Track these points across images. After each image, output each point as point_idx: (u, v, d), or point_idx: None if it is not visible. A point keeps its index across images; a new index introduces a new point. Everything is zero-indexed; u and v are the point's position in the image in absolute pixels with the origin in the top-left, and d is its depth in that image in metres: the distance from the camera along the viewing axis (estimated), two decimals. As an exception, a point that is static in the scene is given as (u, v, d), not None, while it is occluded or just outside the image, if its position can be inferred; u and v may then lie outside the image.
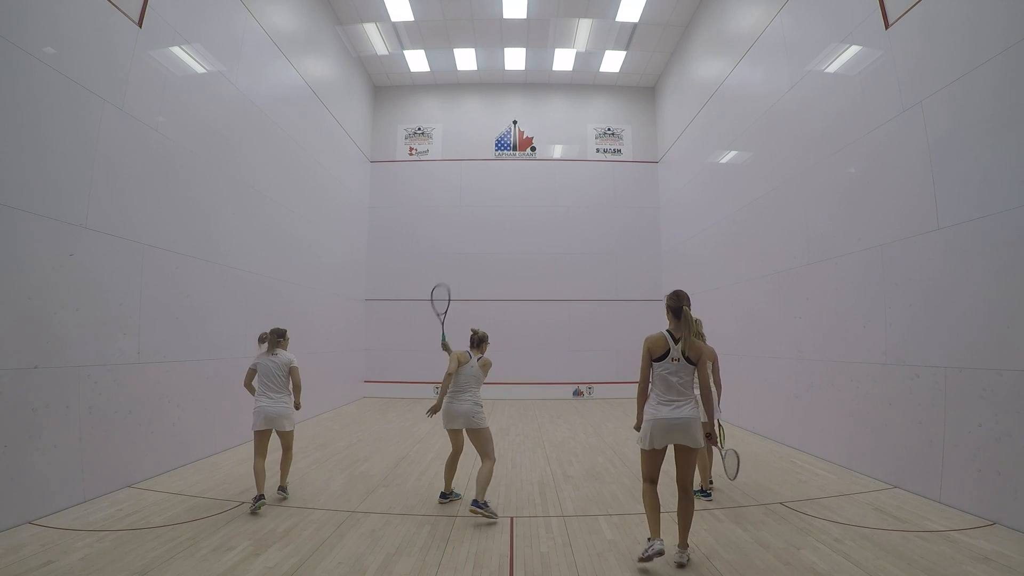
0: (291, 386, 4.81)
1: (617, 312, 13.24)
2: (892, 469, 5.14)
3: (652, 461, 3.47)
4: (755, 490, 5.06)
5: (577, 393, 12.92)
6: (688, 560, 3.37)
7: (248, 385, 4.84)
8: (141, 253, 5.41)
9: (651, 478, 3.49)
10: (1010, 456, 3.94)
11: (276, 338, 4.87)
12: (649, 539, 3.34)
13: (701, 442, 3.41)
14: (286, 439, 4.83)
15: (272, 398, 4.68)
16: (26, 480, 4.02)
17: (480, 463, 4.53)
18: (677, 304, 3.49)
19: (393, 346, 13.12)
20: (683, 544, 3.40)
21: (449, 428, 4.64)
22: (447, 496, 4.75)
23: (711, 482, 4.91)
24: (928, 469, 4.68)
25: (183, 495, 4.79)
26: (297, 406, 4.83)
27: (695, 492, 4.62)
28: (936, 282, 4.74)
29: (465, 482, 5.29)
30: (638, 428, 3.53)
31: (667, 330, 3.52)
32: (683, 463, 3.46)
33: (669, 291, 3.67)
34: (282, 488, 4.77)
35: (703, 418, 3.76)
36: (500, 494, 5.03)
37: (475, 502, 4.17)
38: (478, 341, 4.94)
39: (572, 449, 7.09)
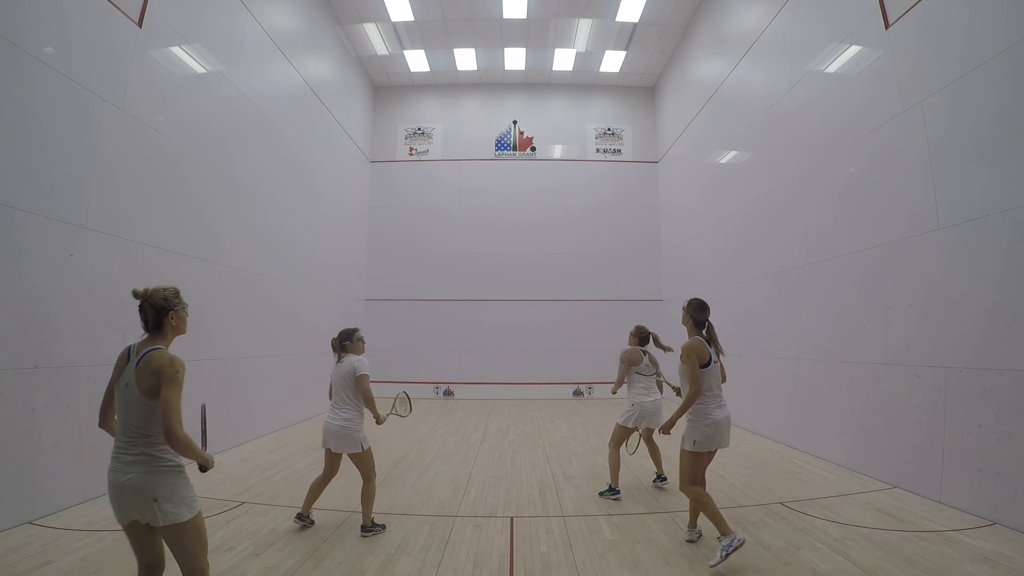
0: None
1: (617, 312, 13.21)
2: (892, 469, 5.14)
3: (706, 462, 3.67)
4: (755, 490, 5.06)
5: (577, 393, 12.92)
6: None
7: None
8: (141, 253, 5.41)
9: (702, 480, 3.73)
10: (1010, 456, 3.94)
11: (341, 342, 4.17)
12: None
13: None
14: (356, 464, 3.99)
15: (334, 413, 4.00)
16: (26, 480, 4.02)
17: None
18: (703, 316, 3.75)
19: (393, 346, 13.11)
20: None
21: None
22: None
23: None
24: (928, 469, 4.68)
25: (183, 495, 4.78)
26: (379, 419, 4.00)
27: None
28: (936, 282, 4.74)
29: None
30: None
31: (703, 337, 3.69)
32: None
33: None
34: (364, 528, 3.93)
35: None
36: (500, 494, 5.03)
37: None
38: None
39: (572, 449, 7.09)
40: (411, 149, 13.99)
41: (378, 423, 4.00)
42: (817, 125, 6.64)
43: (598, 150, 14.02)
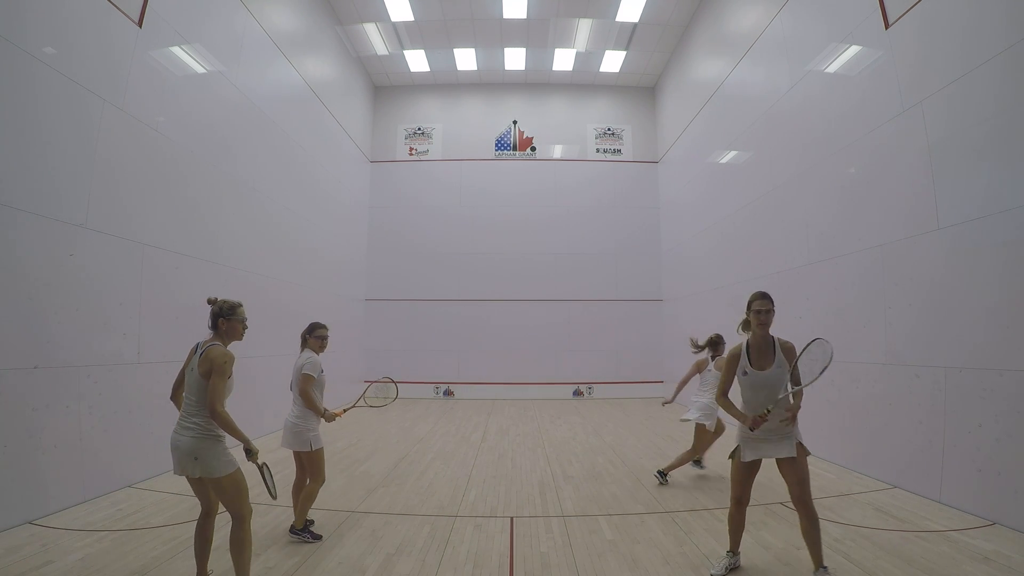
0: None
1: (617, 312, 13.24)
2: (892, 469, 5.14)
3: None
4: (755, 490, 5.03)
5: (577, 393, 12.92)
6: None
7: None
8: (141, 253, 5.41)
9: None
10: (1010, 456, 3.93)
11: (304, 335, 4.12)
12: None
13: None
14: (305, 463, 3.94)
15: (290, 410, 3.95)
16: (26, 480, 4.02)
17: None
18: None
19: (393, 346, 13.11)
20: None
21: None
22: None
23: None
24: (928, 469, 4.68)
25: (183, 495, 4.77)
26: (325, 416, 3.90)
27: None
28: (936, 282, 4.74)
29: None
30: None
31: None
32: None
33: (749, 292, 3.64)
34: (293, 529, 3.83)
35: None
36: (500, 494, 5.03)
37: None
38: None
39: (572, 449, 7.09)
40: (411, 149, 13.99)
41: (327, 420, 3.90)
42: (817, 125, 6.64)
43: (598, 150, 14.02)
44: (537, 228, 13.56)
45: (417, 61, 13.00)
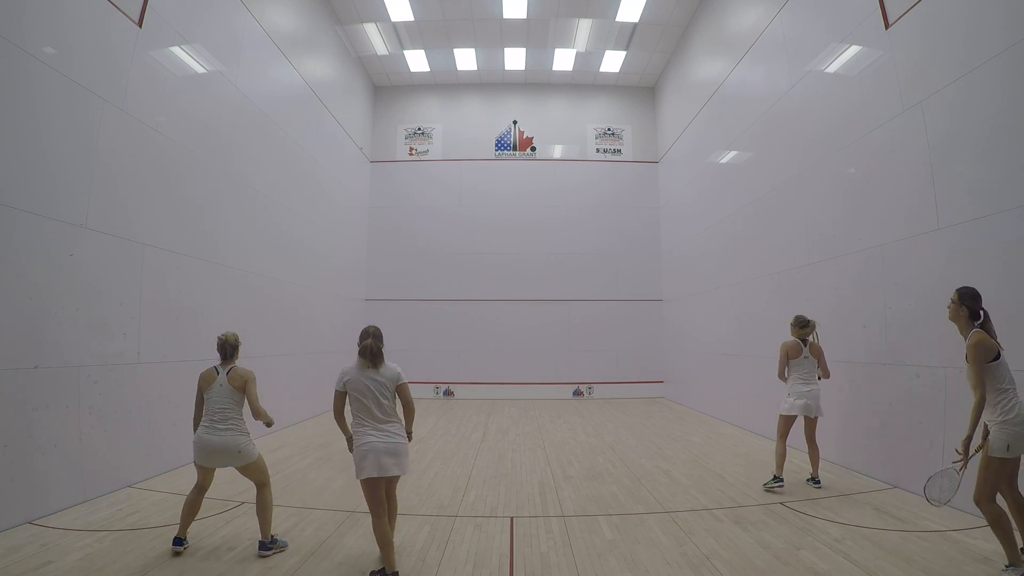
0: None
1: (617, 312, 13.24)
2: (892, 469, 5.14)
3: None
4: (755, 490, 5.06)
5: (577, 393, 12.92)
6: None
7: (339, 418, 3.54)
8: (141, 253, 5.41)
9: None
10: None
11: (374, 344, 3.57)
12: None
13: None
14: (392, 490, 3.50)
15: (382, 430, 3.30)
16: (26, 480, 4.02)
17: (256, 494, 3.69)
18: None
19: (393, 346, 12.92)
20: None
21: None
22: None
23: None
24: (928, 469, 4.64)
25: (183, 495, 4.75)
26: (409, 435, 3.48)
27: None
28: (936, 282, 4.73)
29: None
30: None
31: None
32: None
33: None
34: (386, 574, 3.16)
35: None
36: (500, 494, 5.03)
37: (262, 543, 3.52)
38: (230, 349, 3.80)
39: (572, 449, 7.09)
40: (411, 149, 13.99)
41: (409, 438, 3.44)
42: (817, 125, 6.64)
43: (598, 150, 14.01)
44: (537, 228, 13.55)
45: (417, 61, 12.99)
